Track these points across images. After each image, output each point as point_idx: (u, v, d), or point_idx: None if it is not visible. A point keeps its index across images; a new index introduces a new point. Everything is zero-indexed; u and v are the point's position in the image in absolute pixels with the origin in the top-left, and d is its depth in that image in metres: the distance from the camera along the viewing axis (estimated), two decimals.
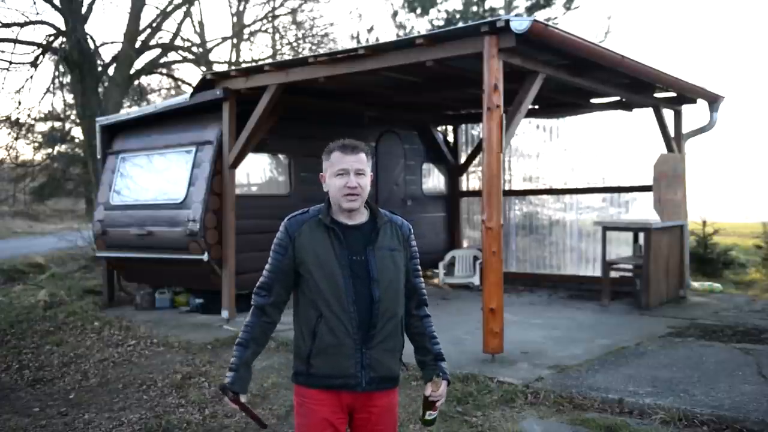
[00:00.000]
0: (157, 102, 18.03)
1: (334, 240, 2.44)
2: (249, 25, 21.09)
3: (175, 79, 21.19)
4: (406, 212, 10.40)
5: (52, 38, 15.92)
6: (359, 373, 2.43)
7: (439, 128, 11.78)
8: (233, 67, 13.47)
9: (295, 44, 21.54)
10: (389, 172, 10.44)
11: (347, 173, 2.42)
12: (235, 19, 21.34)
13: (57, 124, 21.20)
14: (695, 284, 9.64)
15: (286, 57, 19.71)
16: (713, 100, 9.04)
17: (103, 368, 6.23)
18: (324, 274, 2.42)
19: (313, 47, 20.48)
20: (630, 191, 9.93)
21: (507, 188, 10.83)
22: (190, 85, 18.26)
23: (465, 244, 11.63)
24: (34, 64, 15.86)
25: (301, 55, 18.01)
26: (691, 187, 9.28)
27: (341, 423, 2.48)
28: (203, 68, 18.51)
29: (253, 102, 7.65)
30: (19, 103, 18.96)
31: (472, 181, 11.84)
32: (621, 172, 9.98)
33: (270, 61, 14.27)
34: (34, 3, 28.53)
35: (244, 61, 20.47)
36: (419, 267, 2.65)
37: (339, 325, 2.41)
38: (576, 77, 7.02)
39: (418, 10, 17.22)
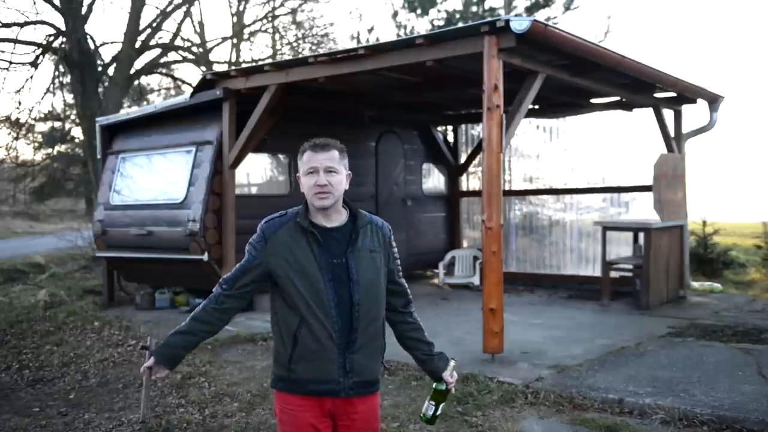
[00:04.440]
0: (157, 102, 18.04)
1: (313, 243, 2.38)
2: (249, 25, 21.11)
3: (175, 79, 21.21)
4: (406, 212, 10.40)
5: (52, 38, 15.94)
6: (342, 378, 2.38)
7: (439, 128, 11.78)
8: (233, 67, 13.47)
9: (295, 44, 21.57)
10: (389, 172, 10.44)
11: (317, 171, 2.37)
12: (235, 19, 21.35)
13: (57, 124, 21.22)
14: (695, 284, 9.63)
15: (286, 57, 19.72)
16: (713, 100, 9.04)
17: (103, 368, 6.23)
18: (304, 278, 2.36)
19: (313, 47, 20.50)
20: (630, 191, 9.93)
21: (507, 188, 10.83)
22: (190, 85, 18.27)
23: (465, 244, 11.63)
24: (34, 64, 15.88)
25: (301, 55, 18.02)
26: (691, 187, 9.30)
27: (326, 428, 2.44)
28: (203, 68, 18.52)
29: (253, 102, 7.65)
30: (19, 103, 19.04)
31: (472, 181, 11.84)
32: (621, 172, 9.98)
33: (270, 61, 14.28)
34: (34, 3, 28.66)
35: (244, 61, 20.48)
36: (400, 267, 2.61)
37: (321, 330, 2.35)
38: (576, 77, 7.02)
39: (419, 10, 17.23)
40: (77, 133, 20.25)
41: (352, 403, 2.43)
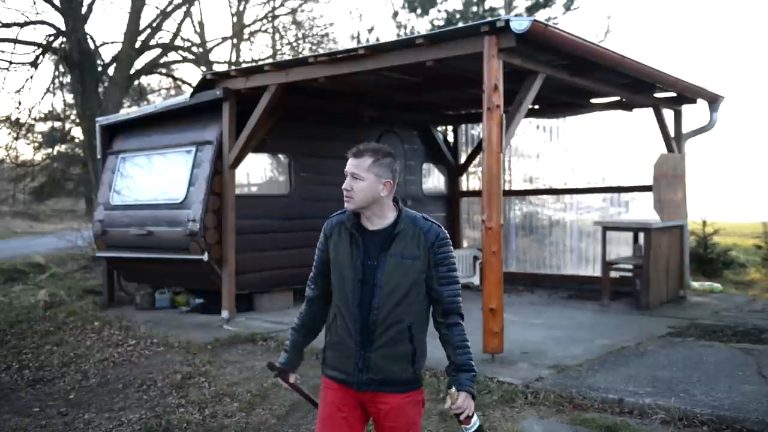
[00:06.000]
0: (157, 102, 18.03)
1: (353, 244, 2.53)
2: (249, 25, 21.09)
3: (175, 79, 21.19)
4: None
5: (52, 38, 15.93)
6: (357, 373, 2.51)
7: (439, 128, 11.78)
8: (233, 67, 13.47)
9: (295, 44, 21.55)
10: None
11: (347, 176, 2.52)
12: (235, 19, 21.34)
13: (57, 124, 21.19)
14: (695, 284, 9.63)
15: (286, 57, 19.71)
16: (713, 100, 9.04)
17: (103, 368, 6.23)
18: (341, 277, 2.54)
19: (313, 47, 20.48)
20: (630, 191, 9.93)
21: (507, 188, 10.83)
22: (190, 85, 18.26)
23: (465, 244, 11.63)
24: (34, 64, 15.87)
25: (301, 55, 18.01)
26: (691, 187, 9.30)
27: (351, 410, 2.58)
28: (203, 68, 18.51)
29: (253, 102, 7.65)
30: (19, 103, 19.01)
31: (472, 181, 11.84)
32: (621, 172, 9.98)
33: (270, 61, 14.28)
34: (34, 3, 28.56)
35: (244, 61, 20.48)
36: (450, 274, 2.54)
37: (344, 325, 2.53)
38: (576, 77, 7.01)
39: (419, 10, 17.23)
40: (77, 133, 20.25)
41: (375, 396, 2.55)
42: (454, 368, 2.51)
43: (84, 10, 15.92)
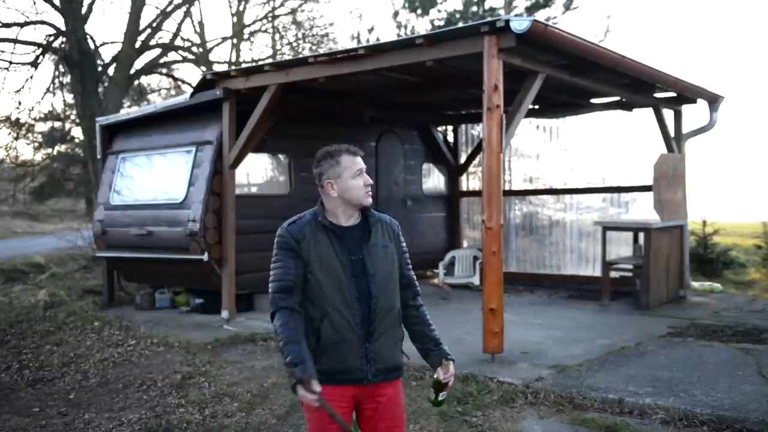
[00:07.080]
0: (157, 102, 18.03)
1: (334, 241, 2.55)
2: (249, 25, 21.10)
3: (175, 79, 21.19)
4: (406, 212, 10.39)
5: (52, 38, 15.94)
6: (365, 366, 2.54)
7: (439, 128, 11.78)
8: (233, 67, 13.46)
9: (295, 44, 21.56)
10: (389, 172, 10.44)
11: (363, 173, 2.59)
12: (235, 19, 21.35)
13: (57, 124, 21.19)
14: (695, 284, 9.63)
15: (286, 57, 19.71)
16: (713, 100, 9.04)
17: (103, 368, 6.23)
18: (328, 275, 2.51)
19: (313, 47, 20.49)
20: (630, 191, 9.93)
21: (507, 188, 10.83)
22: (190, 85, 18.27)
23: (465, 244, 11.63)
24: (34, 64, 15.88)
25: (301, 55, 18.01)
26: (691, 187, 9.30)
27: (345, 415, 2.58)
28: (203, 68, 18.52)
29: (253, 102, 7.65)
30: (19, 103, 19.02)
31: (472, 181, 11.84)
32: (621, 172, 9.98)
33: (270, 61, 14.28)
34: (34, 3, 28.64)
35: (244, 61, 20.48)
36: (410, 260, 2.77)
37: (342, 322, 2.51)
38: (576, 77, 7.01)
39: (419, 11, 17.24)
40: (77, 133, 20.25)
41: (378, 388, 2.59)
42: (435, 343, 2.69)
43: (84, 10, 15.93)
